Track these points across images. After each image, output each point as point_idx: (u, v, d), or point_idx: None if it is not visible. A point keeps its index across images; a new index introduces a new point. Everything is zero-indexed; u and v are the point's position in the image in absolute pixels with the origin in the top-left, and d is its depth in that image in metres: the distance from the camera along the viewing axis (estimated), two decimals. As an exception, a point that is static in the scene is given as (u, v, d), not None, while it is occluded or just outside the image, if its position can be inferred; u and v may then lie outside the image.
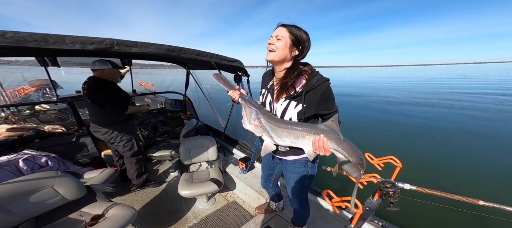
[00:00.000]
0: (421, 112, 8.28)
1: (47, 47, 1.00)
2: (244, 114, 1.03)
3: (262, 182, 1.58)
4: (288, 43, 0.91)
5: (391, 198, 1.05)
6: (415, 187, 1.04)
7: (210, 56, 1.78)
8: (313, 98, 0.93)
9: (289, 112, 0.97)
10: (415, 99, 11.42)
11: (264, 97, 1.09)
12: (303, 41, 0.92)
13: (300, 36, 0.91)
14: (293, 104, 0.96)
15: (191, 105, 3.28)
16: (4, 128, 2.19)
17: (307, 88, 0.92)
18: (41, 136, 2.19)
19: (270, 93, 1.06)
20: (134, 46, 1.27)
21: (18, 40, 0.92)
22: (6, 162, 1.72)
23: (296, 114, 0.96)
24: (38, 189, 1.22)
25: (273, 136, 0.95)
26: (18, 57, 2.12)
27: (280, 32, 0.91)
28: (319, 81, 0.93)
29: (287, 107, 0.97)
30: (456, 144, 4.94)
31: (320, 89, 0.93)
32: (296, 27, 0.92)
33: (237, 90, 1.05)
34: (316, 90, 0.93)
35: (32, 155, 1.87)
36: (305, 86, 0.93)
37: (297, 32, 0.91)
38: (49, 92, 4.00)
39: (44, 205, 1.22)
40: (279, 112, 1.00)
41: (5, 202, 1.08)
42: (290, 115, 0.97)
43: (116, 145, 2.02)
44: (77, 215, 1.29)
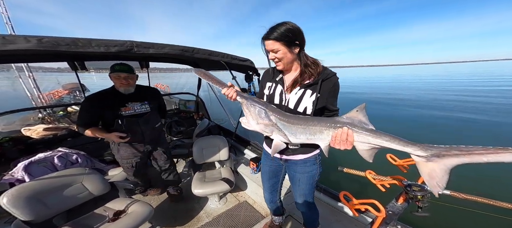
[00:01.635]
0: (459, 109, 7.49)
1: (76, 50, 1.09)
2: (248, 114, 0.94)
3: (267, 196, 1.37)
4: (285, 48, 0.88)
5: (420, 203, 0.94)
6: (449, 191, 0.90)
7: (221, 56, 1.83)
8: (326, 88, 0.93)
9: (305, 101, 0.94)
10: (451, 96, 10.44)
11: (272, 90, 1.04)
12: (295, 34, 0.87)
13: (289, 33, 0.86)
14: (309, 93, 0.94)
15: (203, 106, 3.37)
16: (41, 128, 2.47)
17: (323, 76, 0.93)
18: (72, 135, 2.42)
19: (280, 84, 1.03)
20: (151, 48, 1.34)
21: (53, 44, 1.02)
22: (43, 159, 1.93)
23: (311, 103, 0.93)
24: (70, 184, 1.36)
25: (286, 134, 0.89)
26: (53, 63, 2.34)
27: (272, 46, 0.89)
28: (331, 73, 0.95)
29: (303, 96, 0.95)
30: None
31: (332, 81, 0.94)
32: (277, 28, 0.86)
33: (232, 87, 0.94)
34: (329, 81, 0.94)
35: (65, 152, 2.07)
36: (322, 74, 0.93)
37: (284, 32, 0.85)
38: (79, 94, 4.39)
39: (74, 199, 1.35)
40: (293, 102, 0.96)
41: (42, 196, 1.22)
42: (305, 104, 0.94)
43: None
44: (101, 210, 1.41)
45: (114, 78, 1.52)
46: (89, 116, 1.52)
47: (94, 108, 1.52)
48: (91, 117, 1.53)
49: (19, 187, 1.17)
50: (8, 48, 0.95)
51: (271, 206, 1.46)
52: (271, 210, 1.51)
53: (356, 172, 1.16)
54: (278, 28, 0.86)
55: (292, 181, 1.21)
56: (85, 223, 1.32)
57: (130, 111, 1.59)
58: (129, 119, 1.58)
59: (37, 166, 1.85)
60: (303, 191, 1.18)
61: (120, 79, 1.51)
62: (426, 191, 0.95)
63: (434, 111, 7.75)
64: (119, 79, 1.51)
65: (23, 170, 1.72)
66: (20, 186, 1.18)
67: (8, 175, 1.73)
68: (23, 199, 1.13)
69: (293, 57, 0.92)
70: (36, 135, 2.34)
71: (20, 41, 0.97)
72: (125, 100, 1.58)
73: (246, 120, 0.96)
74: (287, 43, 0.87)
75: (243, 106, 0.95)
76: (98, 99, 1.54)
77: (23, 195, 1.14)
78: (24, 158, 1.86)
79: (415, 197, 0.95)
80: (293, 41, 0.87)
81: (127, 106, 1.58)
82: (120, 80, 1.52)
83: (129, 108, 1.59)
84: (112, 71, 1.50)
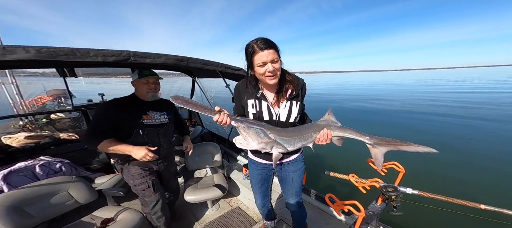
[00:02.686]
0: (428, 116, 8.15)
1: (75, 60, 1.10)
2: (246, 136, 0.94)
3: (259, 202, 1.39)
4: (278, 59, 0.93)
5: (394, 202, 1.06)
6: (417, 191, 1.05)
7: (215, 65, 1.86)
8: (302, 94, 1.09)
9: (294, 111, 1.05)
10: (422, 102, 11.31)
11: (258, 107, 1.04)
12: (278, 49, 0.94)
13: (276, 46, 0.92)
14: (295, 103, 1.05)
15: (197, 113, 3.37)
16: (22, 136, 2.33)
17: (300, 86, 1.06)
18: (56, 143, 2.32)
19: (264, 99, 1.04)
20: (148, 57, 1.36)
21: (51, 54, 1.03)
22: (24, 168, 1.82)
23: (297, 111, 1.06)
24: (54, 193, 1.30)
25: (286, 146, 1.00)
26: (37, 69, 2.27)
27: (273, 56, 0.89)
28: (301, 79, 1.08)
29: (291, 107, 1.05)
30: (465, 148, 4.79)
31: (304, 86, 1.10)
32: (270, 40, 0.91)
33: (222, 112, 0.90)
34: (303, 87, 1.09)
35: (47, 161, 1.97)
36: (298, 85, 1.06)
37: (275, 42, 0.92)
38: (64, 101, 4.22)
39: (59, 208, 1.29)
40: (284, 114, 1.04)
41: (25, 205, 1.16)
42: (295, 114, 1.05)
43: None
44: (89, 218, 1.35)
45: (142, 83, 1.38)
46: (108, 124, 1.28)
47: (117, 112, 1.30)
48: (109, 125, 1.28)
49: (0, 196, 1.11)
50: (7, 59, 0.95)
51: (263, 211, 1.47)
52: (264, 215, 1.52)
53: (341, 176, 1.27)
54: (271, 41, 0.90)
55: (285, 182, 1.26)
56: None
57: (151, 120, 1.41)
58: (150, 129, 1.40)
59: (17, 175, 1.74)
60: (295, 188, 1.25)
61: (149, 84, 1.40)
62: (398, 192, 1.06)
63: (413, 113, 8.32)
64: (147, 84, 1.39)
65: (2, 180, 1.61)
66: (1, 196, 1.12)
67: (-17, 185, 1.62)
68: (4, 209, 1.07)
69: (279, 68, 0.96)
70: (16, 144, 2.20)
71: (20, 51, 0.97)
72: (147, 108, 1.43)
73: (244, 141, 0.96)
74: (279, 55, 0.93)
75: (239, 129, 0.94)
76: (121, 104, 1.35)
77: (3, 204, 1.08)
78: (3, 168, 1.75)
79: (390, 197, 1.05)
80: (279, 54, 0.94)
81: (149, 114, 1.41)
82: (149, 85, 1.40)
83: (150, 116, 1.41)
84: (141, 76, 1.37)
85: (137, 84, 1.40)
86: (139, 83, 1.39)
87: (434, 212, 1.21)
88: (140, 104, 1.42)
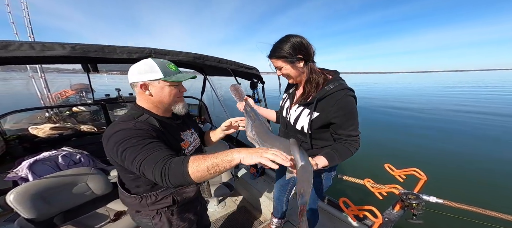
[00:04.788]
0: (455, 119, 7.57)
1: (103, 56, 1.18)
2: (246, 124, 1.01)
3: (276, 194, 1.43)
4: (287, 65, 0.90)
5: (414, 210, 0.99)
6: (442, 200, 0.96)
7: (229, 64, 1.89)
8: (326, 106, 0.88)
9: (301, 120, 0.96)
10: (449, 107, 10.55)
11: (284, 102, 1.11)
12: (296, 49, 0.86)
13: (290, 49, 0.85)
14: (306, 112, 0.95)
15: (206, 110, 3.42)
16: (48, 127, 2.52)
17: (319, 95, 0.88)
18: (77, 135, 2.47)
19: (290, 98, 1.07)
20: (167, 54, 1.40)
21: (83, 51, 1.12)
22: (48, 158, 1.96)
23: (308, 122, 0.93)
24: (75, 184, 1.38)
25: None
26: (68, 65, 2.39)
27: (276, 64, 0.93)
28: (335, 88, 0.86)
29: (300, 114, 0.97)
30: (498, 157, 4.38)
31: (334, 97, 0.86)
32: (279, 45, 0.88)
33: (244, 101, 1.06)
34: (329, 99, 0.87)
35: (69, 152, 2.11)
36: (318, 92, 0.90)
37: (284, 49, 0.86)
38: (85, 95, 4.50)
39: (77, 198, 1.37)
40: (293, 118, 1.00)
41: (47, 194, 1.24)
42: (302, 123, 0.96)
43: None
44: (103, 210, 1.43)
45: (168, 88, 0.81)
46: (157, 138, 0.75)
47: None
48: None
49: (25, 185, 1.20)
50: (46, 54, 1.05)
51: (276, 204, 1.49)
52: (274, 208, 1.55)
53: (355, 180, 1.20)
54: (279, 45, 0.88)
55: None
56: (86, 222, 1.34)
57: (189, 147, 0.93)
58: None
59: (42, 164, 1.88)
60: (312, 196, 1.21)
61: (180, 87, 0.87)
62: (421, 200, 0.99)
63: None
64: (177, 89, 0.85)
65: (28, 169, 1.75)
66: (27, 184, 1.20)
67: (12, 173, 1.76)
68: (29, 197, 1.15)
69: (298, 72, 0.92)
70: (42, 134, 2.38)
71: (57, 48, 1.07)
72: (177, 129, 0.91)
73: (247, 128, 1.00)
74: (289, 59, 0.88)
75: (245, 114, 1.03)
76: (154, 127, 0.78)
77: (29, 193, 1.16)
78: (29, 157, 1.89)
79: (410, 205, 0.99)
80: (297, 54, 0.86)
81: (184, 140, 0.91)
82: (181, 88, 0.87)
83: (187, 142, 0.92)
84: (168, 75, 0.80)
85: (157, 88, 0.79)
86: (164, 86, 0.79)
87: (460, 223, 1.13)
88: (168, 125, 0.86)
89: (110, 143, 0.69)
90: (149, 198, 0.83)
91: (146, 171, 0.64)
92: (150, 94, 0.79)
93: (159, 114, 0.84)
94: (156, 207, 0.85)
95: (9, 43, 1.00)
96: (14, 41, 1.02)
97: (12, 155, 2.04)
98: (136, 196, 0.83)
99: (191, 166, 0.62)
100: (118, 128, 0.70)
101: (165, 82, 0.79)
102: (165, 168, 0.62)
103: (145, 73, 0.76)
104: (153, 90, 0.79)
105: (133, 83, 0.78)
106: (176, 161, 0.64)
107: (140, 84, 0.77)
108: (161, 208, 0.86)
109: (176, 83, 0.82)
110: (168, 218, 0.88)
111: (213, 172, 0.62)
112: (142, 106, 0.82)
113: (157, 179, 0.62)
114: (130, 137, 0.68)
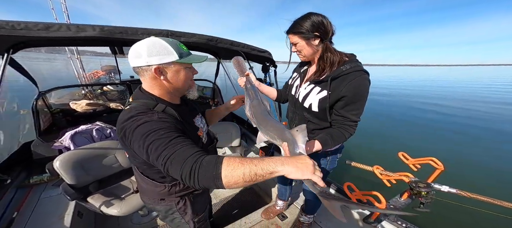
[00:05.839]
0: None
1: (127, 37, 1.28)
2: (245, 103, 1.01)
3: (278, 177, 1.51)
4: (303, 41, 0.90)
5: (422, 199, 0.96)
6: (456, 190, 0.91)
7: (241, 46, 1.91)
8: (340, 86, 0.85)
9: (311, 98, 0.95)
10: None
11: (293, 80, 1.11)
12: (314, 26, 0.86)
13: (308, 25, 0.86)
14: (316, 89, 0.94)
15: (219, 93, 3.48)
16: (84, 103, 2.82)
17: (334, 74, 0.87)
18: (108, 111, 2.73)
19: (301, 76, 1.07)
20: (183, 36, 1.47)
21: (110, 32, 1.24)
22: (85, 130, 2.22)
23: (318, 100, 0.93)
24: (106, 155, 1.55)
25: (260, 130, 0.88)
26: (97, 48, 2.58)
27: (292, 39, 0.93)
28: (351, 69, 0.85)
29: (310, 91, 0.96)
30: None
31: (349, 78, 0.83)
32: (298, 21, 0.88)
33: (246, 76, 1.07)
34: (344, 78, 0.84)
35: (101, 126, 2.35)
36: (334, 71, 0.88)
37: (302, 25, 0.87)
38: (113, 76, 4.89)
39: (108, 169, 1.55)
40: (302, 96, 1.00)
41: (85, 163, 1.42)
42: (311, 101, 0.95)
43: None
44: (127, 182, 1.60)
45: (183, 70, 0.73)
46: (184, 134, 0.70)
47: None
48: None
49: (68, 153, 1.38)
50: (80, 35, 1.17)
51: (280, 187, 1.59)
52: (278, 191, 1.65)
53: (364, 166, 1.18)
54: (298, 22, 0.88)
55: None
56: (114, 192, 1.52)
57: (204, 135, 0.89)
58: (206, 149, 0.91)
59: (80, 136, 2.14)
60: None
61: (192, 70, 0.79)
62: (431, 188, 0.95)
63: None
64: (190, 71, 0.77)
65: (70, 139, 2.01)
66: (69, 153, 1.39)
67: (58, 142, 2.04)
68: (71, 165, 1.33)
69: (312, 50, 0.91)
70: (80, 109, 2.68)
71: (89, 29, 1.19)
72: (191, 116, 0.86)
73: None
74: (305, 36, 0.88)
75: (245, 93, 1.04)
76: (172, 116, 0.72)
77: (71, 160, 1.34)
78: (71, 128, 2.16)
79: (419, 193, 0.95)
80: (312, 33, 0.87)
81: (198, 127, 0.86)
82: (192, 71, 0.79)
83: (201, 130, 0.87)
84: (183, 57, 0.71)
85: (173, 72, 0.71)
86: (179, 69, 0.72)
87: (472, 213, 1.07)
88: (183, 113, 0.79)
89: (136, 136, 0.61)
90: (177, 186, 0.82)
91: (172, 168, 0.57)
92: (165, 79, 0.70)
93: (171, 101, 0.77)
94: (182, 193, 0.85)
95: (50, 25, 1.13)
96: (54, 23, 1.15)
97: (57, 126, 2.35)
98: (167, 184, 0.80)
99: (225, 169, 0.53)
100: (143, 121, 0.62)
101: (180, 65, 0.70)
102: (196, 166, 0.55)
103: (158, 54, 0.65)
104: (169, 74, 0.69)
105: (142, 68, 0.67)
106: (209, 160, 0.56)
107: (154, 68, 0.66)
108: (186, 194, 0.87)
109: (189, 65, 0.74)
110: (190, 200, 0.90)
111: (249, 181, 0.53)
112: (153, 93, 0.73)
113: (184, 177, 0.55)
114: (157, 129, 0.61)
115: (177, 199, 0.87)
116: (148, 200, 0.90)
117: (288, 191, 1.63)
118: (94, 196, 1.42)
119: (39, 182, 1.78)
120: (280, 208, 1.70)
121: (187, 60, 0.71)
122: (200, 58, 0.76)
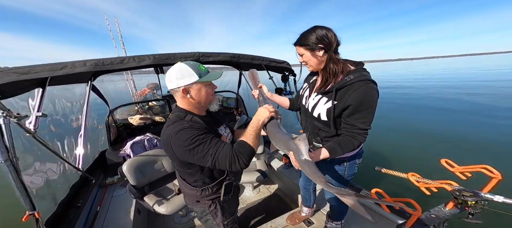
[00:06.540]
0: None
1: (170, 62, 1.58)
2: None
3: (301, 182, 1.54)
4: (308, 53, 0.96)
5: (470, 209, 0.86)
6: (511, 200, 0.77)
7: (261, 60, 2.09)
8: (345, 96, 0.89)
9: (319, 108, 1.00)
10: None
11: (304, 91, 1.16)
12: (318, 38, 0.91)
13: (312, 37, 0.92)
14: (324, 100, 0.98)
15: (242, 103, 3.73)
16: (138, 117, 3.51)
17: (339, 84, 0.91)
18: (154, 124, 3.33)
19: (310, 86, 1.11)
20: (211, 56, 1.74)
21: (160, 59, 1.55)
22: (139, 141, 2.80)
23: (325, 110, 0.97)
24: (155, 161, 1.97)
25: (271, 141, 1.01)
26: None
27: (298, 51, 1.00)
28: (355, 78, 0.87)
29: (318, 101, 1.00)
30: None
31: (354, 88, 0.87)
32: (303, 34, 0.95)
33: (258, 89, 1.17)
34: (349, 88, 0.88)
35: (150, 137, 2.91)
36: (338, 82, 0.92)
37: (309, 36, 0.92)
38: (156, 92, 5.81)
39: (157, 173, 1.95)
40: (311, 106, 1.04)
41: (142, 167, 1.85)
42: (319, 111, 1.00)
43: None
44: (171, 185, 1.97)
45: (205, 88, 0.90)
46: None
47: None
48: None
49: (131, 159, 1.84)
50: (141, 64, 1.54)
51: (303, 193, 1.59)
52: (303, 198, 1.64)
53: (397, 173, 1.07)
54: (304, 34, 0.95)
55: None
56: (161, 193, 1.91)
57: (227, 141, 1.01)
58: None
59: (136, 145, 2.72)
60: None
61: (212, 87, 0.94)
62: (479, 197, 0.84)
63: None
64: (210, 88, 0.93)
65: (130, 148, 2.60)
66: (132, 159, 1.84)
67: (122, 150, 2.65)
68: (133, 169, 1.77)
69: (318, 60, 0.96)
70: (135, 123, 3.37)
71: (146, 58, 1.53)
72: (215, 126, 1.01)
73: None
74: (310, 47, 0.94)
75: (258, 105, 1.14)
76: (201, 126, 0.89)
77: (133, 165, 1.79)
78: (130, 139, 2.77)
79: (465, 202, 0.86)
80: (317, 44, 0.92)
81: (222, 134, 1.01)
82: (212, 87, 0.94)
83: (224, 136, 1.01)
84: (202, 76, 0.87)
85: (195, 90, 0.88)
86: (201, 87, 0.89)
87: None
88: (208, 122, 0.95)
89: (177, 142, 0.79)
90: (207, 190, 0.99)
91: (220, 162, 0.79)
92: (190, 97, 0.88)
93: (198, 113, 0.94)
94: (211, 197, 1.02)
95: (124, 58, 1.51)
96: (126, 56, 1.55)
97: (121, 137, 3.04)
98: (198, 188, 0.98)
99: (248, 140, 0.84)
100: (180, 128, 0.80)
101: (201, 84, 0.87)
102: (235, 153, 0.79)
103: (183, 78, 0.83)
104: (193, 92, 0.88)
105: (174, 90, 0.87)
106: (240, 143, 0.83)
107: (182, 89, 0.85)
108: (216, 198, 1.03)
109: (209, 83, 0.91)
110: (220, 205, 1.05)
111: (255, 135, 0.86)
112: (184, 108, 0.92)
113: (232, 166, 0.79)
114: (197, 134, 0.79)
115: (209, 203, 1.03)
116: (188, 201, 1.08)
117: (312, 198, 1.60)
118: (149, 196, 1.80)
119: (111, 183, 2.30)
120: (305, 214, 1.69)
121: (206, 79, 0.87)
122: (216, 75, 0.92)
